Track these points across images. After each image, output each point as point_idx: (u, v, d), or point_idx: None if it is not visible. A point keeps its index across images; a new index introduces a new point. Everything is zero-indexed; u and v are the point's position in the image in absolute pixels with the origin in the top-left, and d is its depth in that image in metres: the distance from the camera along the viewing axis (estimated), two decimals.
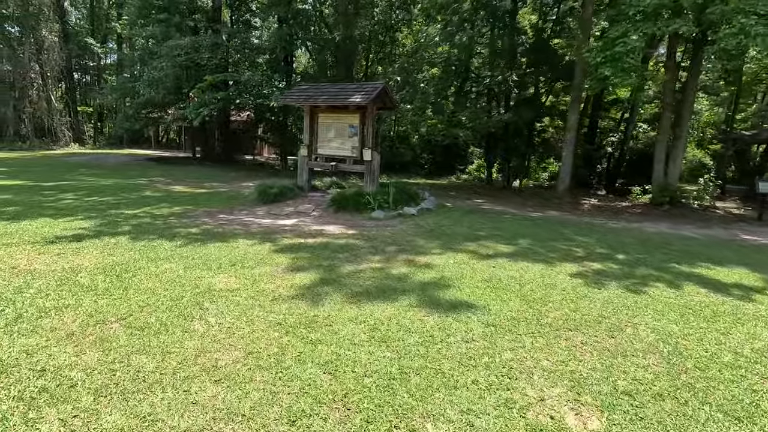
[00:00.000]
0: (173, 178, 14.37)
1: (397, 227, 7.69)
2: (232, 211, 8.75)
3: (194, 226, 7.05)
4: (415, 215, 8.79)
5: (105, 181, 12.60)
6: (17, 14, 26.35)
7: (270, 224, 7.58)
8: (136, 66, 18.92)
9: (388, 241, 6.63)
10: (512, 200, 12.96)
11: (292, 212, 8.75)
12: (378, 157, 10.01)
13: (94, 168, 16.48)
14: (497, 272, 5.10)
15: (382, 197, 9.06)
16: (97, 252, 5.25)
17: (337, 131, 10.29)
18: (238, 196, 10.52)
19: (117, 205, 8.61)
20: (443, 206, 10.29)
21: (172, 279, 4.39)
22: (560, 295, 4.38)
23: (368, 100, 9.06)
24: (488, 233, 7.46)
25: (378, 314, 3.70)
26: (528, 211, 10.67)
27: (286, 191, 9.77)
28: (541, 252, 6.22)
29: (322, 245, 6.15)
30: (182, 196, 10.30)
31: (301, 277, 4.67)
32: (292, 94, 10.41)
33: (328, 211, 8.90)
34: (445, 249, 6.21)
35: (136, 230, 6.52)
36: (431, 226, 7.93)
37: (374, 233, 7.11)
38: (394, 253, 5.93)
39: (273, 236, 6.59)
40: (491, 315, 3.77)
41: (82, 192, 10.13)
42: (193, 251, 5.47)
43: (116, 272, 4.52)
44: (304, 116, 10.60)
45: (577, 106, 11.82)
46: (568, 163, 12.20)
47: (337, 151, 10.35)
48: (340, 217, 8.50)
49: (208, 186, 12.70)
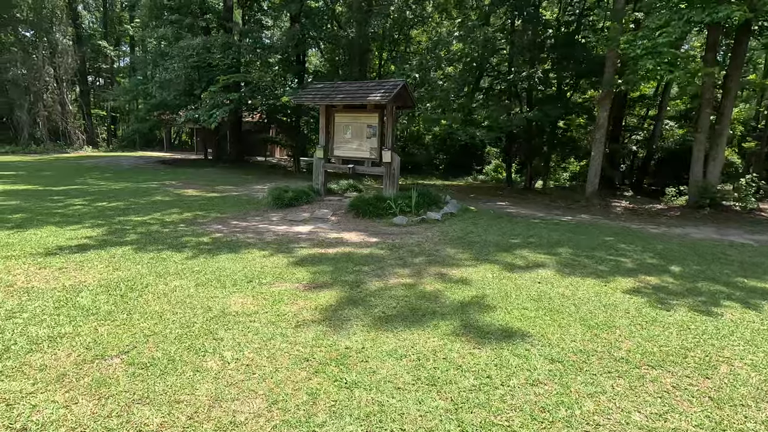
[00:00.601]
0: (184, 181, 14.03)
1: (423, 234, 7.14)
2: (245, 217, 8.30)
3: (205, 234, 6.59)
4: (439, 221, 8.23)
5: (115, 185, 12.29)
6: (31, 18, 26.43)
7: (286, 232, 7.09)
8: (148, 68, 18.68)
9: (415, 250, 6.08)
10: (537, 203, 12.30)
11: (309, 218, 8.26)
12: (398, 158, 9.47)
13: (106, 171, 16.25)
14: (545, 289, 4.52)
15: (403, 201, 8.52)
16: (102, 266, 4.81)
17: (355, 132, 9.77)
18: (251, 201, 10.08)
19: (126, 211, 8.22)
20: (467, 210, 9.70)
21: (182, 299, 3.90)
22: (626, 319, 3.79)
23: (388, 99, 8.53)
24: (522, 241, 6.86)
25: (420, 345, 3.15)
26: (557, 215, 10.02)
27: (302, 195, 9.29)
28: (586, 263, 5.61)
29: (343, 256, 5.63)
30: (193, 201, 9.89)
31: (324, 296, 4.15)
32: (306, 92, 9.94)
33: (346, 216, 8.39)
34: (479, 260, 5.64)
35: (145, 239, 6.08)
36: (459, 232, 7.36)
37: (399, 242, 6.58)
38: (423, 265, 5.38)
39: (290, 246, 6.09)
40: (553, 347, 3.20)
41: (91, 197, 9.79)
42: (205, 264, 4.99)
43: (121, 291, 4.06)
44: (320, 116, 10.11)
45: (607, 103, 11.11)
46: (596, 163, 11.50)
47: (354, 153, 9.84)
48: (359, 223, 7.98)
49: (220, 189, 12.30)
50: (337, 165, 10.14)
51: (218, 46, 15.89)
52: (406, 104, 10.03)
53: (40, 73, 27.40)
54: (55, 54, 28.49)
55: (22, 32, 27.52)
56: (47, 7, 26.36)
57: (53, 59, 28.68)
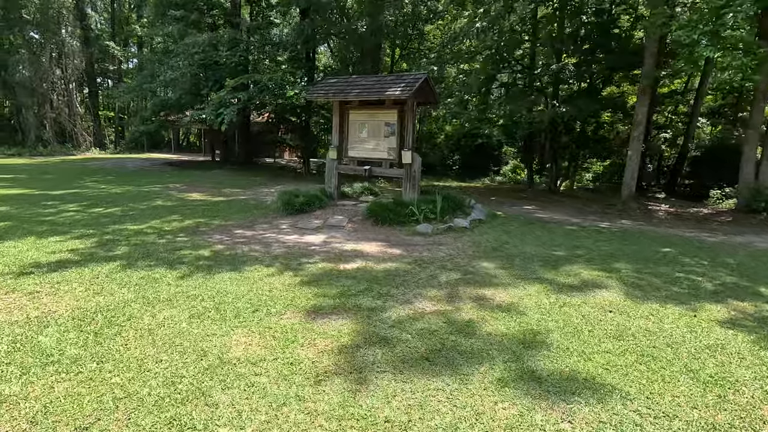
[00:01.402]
0: (189, 183, 13.33)
1: (452, 245, 6.28)
2: (251, 224, 7.51)
3: (206, 246, 5.80)
4: (467, 228, 7.35)
5: (116, 188, 11.61)
6: (38, 18, 26.09)
7: (296, 243, 6.28)
8: (154, 66, 18.09)
9: (446, 265, 5.22)
10: (567, 206, 11.35)
11: (322, 226, 7.44)
12: (419, 159, 8.62)
13: (110, 174, 15.65)
14: (621, 321, 3.63)
15: (426, 207, 7.66)
16: (81, 289, 4.03)
17: (372, 130, 8.94)
18: (259, 206, 9.31)
19: (121, 219, 7.48)
20: (495, 216, 8.81)
21: (171, 338, 3.09)
22: (745, 369, 2.89)
23: (410, 93, 7.68)
24: (568, 253, 5.96)
25: (487, 416, 2.30)
26: (595, 221, 9.08)
27: (313, 200, 8.48)
28: (656, 284, 4.70)
29: (363, 274, 4.80)
30: (197, 206, 9.14)
31: (346, 331, 3.31)
32: (319, 88, 9.14)
33: (363, 224, 7.56)
34: (525, 279, 4.76)
35: (137, 253, 5.30)
36: (493, 243, 6.48)
37: (425, 255, 5.72)
38: (458, 285, 4.52)
39: (301, 261, 5.27)
40: (671, 418, 2.32)
41: (87, 202, 9.09)
42: (203, 287, 4.19)
43: (96, 325, 3.26)
44: (333, 114, 9.30)
45: (646, 98, 10.14)
46: (634, 163, 10.52)
47: (371, 154, 9.01)
48: (378, 231, 7.14)
49: (227, 193, 11.56)
50: (352, 167, 9.32)
51: (225, 43, 15.18)
52: (428, 100, 9.18)
53: (47, 74, 27.08)
54: (62, 55, 28.18)
55: (30, 33, 27.17)
56: (54, 8, 25.99)
57: (60, 60, 28.37)
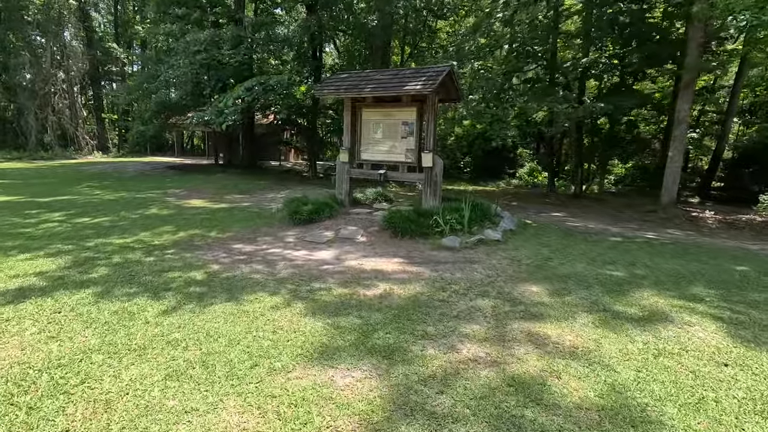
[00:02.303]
0: (190, 189, 12.52)
1: (487, 263, 5.35)
2: (254, 236, 6.63)
3: (200, 266, 4.92)
4: (500, 241, 6.42)
5: (110, 194, 10.81)
6: (38, 19, 25.55)
7: (306, 260, 5.39)
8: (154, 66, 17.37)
9: (487, 291, 4.30)
10: (599, 212, 10.37)
11: (333, 238, 6.55)
12: (441, 163, 7.71)
13: (107, 178, 14.91)
14: (748, 382, 2.69)
15: (452, 216, 6.74)
16: (34, 330, 3.16)
17: (387, 130, 8.05)
18: (263, 214, 8.44)
19: (108, 231, 6.63)
20: (526, 225, 7.87)
21: (134, 419, 2.20)
22: None
23: (432, 88, 6.77)
24: (627, 274, 5.01)
25: None
26: (637, 230, 8.10)
27: (323, 208, 7.59)
28: (759, 318, 3.73)
29: (387, 303, 3.90)
30: (194, 215, 8.30)
31: (377, 400, 2.40)
32: (329, 83, 8.26)
33: (380, 236, 6.65)
34: (587, 309, 3.83)
35: (116, 276, 4.44)
36: (533, 259, 5.55)
37: (458, 276, 4.80)
38: (506, 318, 3.61)
39: (312, 285, 4.37)
40: None
41: (74, 210, 8.27)
42: (189, 326, 3.30)
43: (35, 395, 2.39)
44: (344, 112, 8.43)
45: (689, 93, 9.15)
46: (676, 166, 9.51)
47: (386, 156, 8.11)
48: (399, 245, 6.23)
49: (229, 199, 10.72)
50: (365, 171, 8.42)
51: (228, 41, 14.38)
52: (450, 96, 8.28)
53: (49, 76, 26.53)
54: (64, 57, 27.64)
55: (30, 34, 26.64)
56: (54, 8, 25.45)
57: (62, 62, 27.84)
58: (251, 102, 14.11)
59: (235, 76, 16.71)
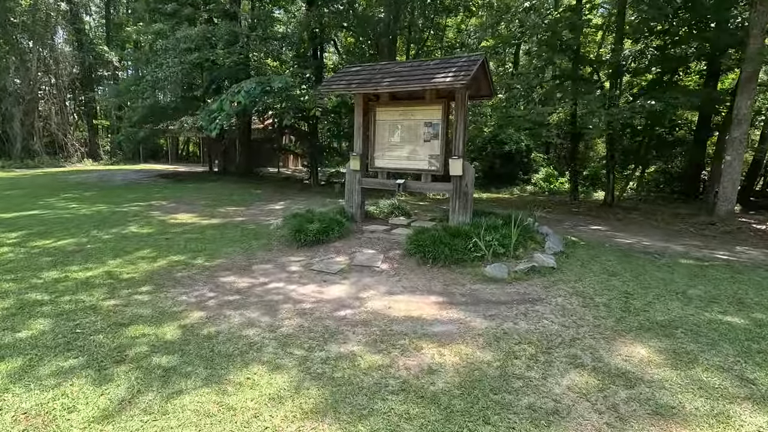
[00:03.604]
0: (179, 200, 11.25)
1: (551, 303, 4.10)
2: (249, 264, 5.37)
3: (175, 315, 3.66)
4: (555, 268, 5.17)
5: (87, 208, 9.53)
6: (24, 20, 24.35)
7: (315, 302, 4.13)
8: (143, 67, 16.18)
9: (575, 356, 3.06)
10: (644, 226, 9.13)
11: (347, 266, 5.29)
12: (472, 170, 6.47)
13: (91, 188, 13.63)
14: None
15: (493, 237, 5.49)
16: None
17: (406, 133, 6.82)
18: (260, 232, 7.18)
19: (69, 259, 5.36)
20: (574, 244, 6.62)
21: None
22: None
23: (466, 80, 5.55)
24: (747, 320, 3.76)
25: None
26: (706, 249, 6.86)
27: (332, 225, 6.33)
28: None
29: (438, 383, 2.66)
30: (180, 234, 7.03)
31: None
32: (338, 78, 7.01)
33: (404, 262, 5.39)
34: (740, 393, 2.59)
35: (52, 337, 3.18)
36: (608, 296, 4.30)
37: (523, 326, 3.56)
38: (628, 419, 2.36)
39: (327, 349, 3.12)
40: None
41: (37, 230, 6.99)
42: None
43: None
44: (355, 112, 7.19)
45: (751, 89, 7.96)
46: (735, 171, 8.28)
47: (405, 163, 6.88)
48: (430, 275, 4.97)
49: (221, 212, 9.46)
50: (380, 180, 7.19)
51: (222, 38, 13.16)
52: (480, 92, 7.06)
53: (36, 81, 25.30)
54: (52, 61, 26.43)
55: (18, 38, 25.42)
56: (42, 10, 24.27)
57: (50, 66, 26.63)
58: (248, 105, 12.87)
59: (231, 77, 15.50)
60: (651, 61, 9.15)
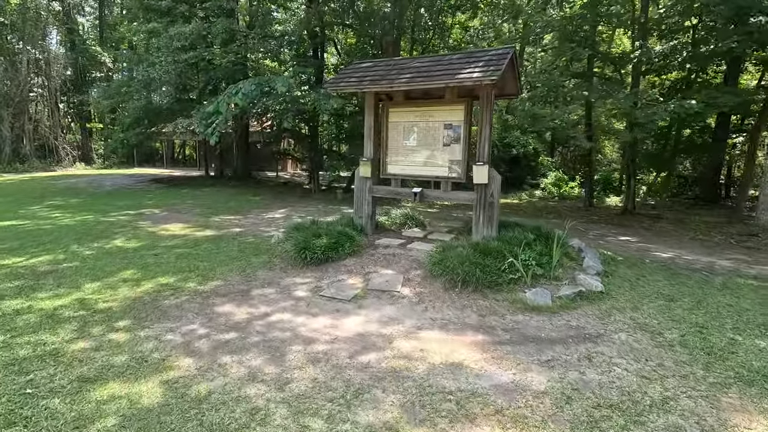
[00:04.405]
0: (172, 208, 10.50)
1: (614, 341, 3.39)
2: (248, 288, 4.63)
3: (156, 364, 2.92)
4: (603, 293, 4.46)
5: (70, 218, 8.76)
6: (13, 20, 23.56)
7: (329, 341, 3.40)
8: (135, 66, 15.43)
9: (672, 429, 2.33)
10: (679, 237, 8.46)
11: (363, 291, 4.57)
12: (499, 178, 5.77)
13: (78, 195, 12.85)
14: None
15: (529, 256, 4.78)
16: None
17: (424, 136, 6.12)
18: (260, 246, 6.44)
19: (38, 282, 4.61)
20: (613, 260, 5.91)
21: None
22: None
23: (496, 76, 4.85)
24: None
25: None
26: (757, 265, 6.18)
27: (342, 241, 5.60)
28: None
29: None
30: (170, 249, 6.29)
31: None
32: (346, 75, 6.28)
33: (428, 285, 4.66)
34: None
35: None
36: (678, 329, 3.60)
37: (593, 379, 2.85)
38: None
39: (351, 415, 2.39)
40: None
41: (9, 245, 6.23)
42: None
43: None
44: (366, 112, 6.48)
45: None
46: None
47: (422, 169, 6.17)
48: (460, 302, 4.25)
49: (217, 222, 8.72)
50: (394, 188, 6.47)
51: (218, 35, 12.43)
52: (505, 90, 6.37)
53: (25, 83, 24.46)
54: (43, 62, 25.61)
55: (7, 38, 24.60)
56: (32, 9, 23.48)
57: (41, 68, 25.81)
58: (245, 107, 12.14)
59: (228, 78, 14.79)
60: (686, 58, 8.42)
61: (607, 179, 17.78)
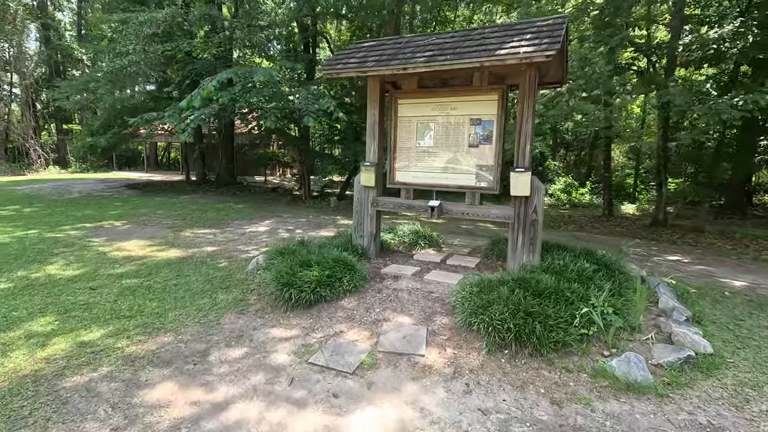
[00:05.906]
0: (139, 220, 9.02)
1: None
2: (206, 349, 3.22)
3: None
4: (713, 355, 3.14)
5: (10, 233, 7.23)
6: None
7: None
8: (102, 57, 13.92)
9: None
10: (728, 254, 7.23)
11: (371, 354, 3.19)
12: (543, 190, 4.45)
13: (37, 202, 11.28)
14: None
15: (605, 300, 3.43)
16: None
17: (443, 134, 4.78)
18: (233, 276, 5.03)
19: None
20: (685, 294, 4.63)
21: None
22: None
23: (553, 50, 3.54)
24: None
25: None
26: None
27: (338, 273, 4.22)
28: None
29: None
30: (117, 279, 4.84)
31: None
32: (346, 56, 4.84)
33: (462, 343, 3.29)
34: None
35: None
36: None
37: None
38: None
39: None
40: None
41: None
42: None
43: None
44: (368, 104, 5.11)
45: None
46: None
47: (441, 177, 4.82)
48: (514, 376, 2.89)
49: (189, 238, 7.27)
50: (404, 201, 5.10)
51: (195, 22, 11.00)
52: (547, 77, 5.05)
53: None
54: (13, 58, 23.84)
55: None
56: None
57: (12, 63, 24.05)
58: (228, 104, 10.68)
59: (210, 72, 13.32)
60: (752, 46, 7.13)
61: (620, 185, 16.66)
